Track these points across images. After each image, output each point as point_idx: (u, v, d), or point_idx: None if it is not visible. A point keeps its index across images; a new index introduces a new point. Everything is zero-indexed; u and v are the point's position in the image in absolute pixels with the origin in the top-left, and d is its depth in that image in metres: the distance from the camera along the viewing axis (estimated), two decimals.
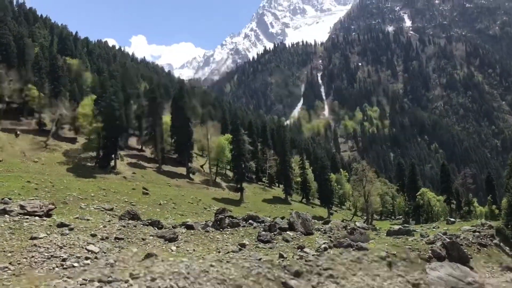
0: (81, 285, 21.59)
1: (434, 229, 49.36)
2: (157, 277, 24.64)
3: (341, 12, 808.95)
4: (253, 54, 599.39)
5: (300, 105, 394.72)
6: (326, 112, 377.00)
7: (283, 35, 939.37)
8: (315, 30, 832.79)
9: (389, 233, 39.95)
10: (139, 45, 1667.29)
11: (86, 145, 69.47)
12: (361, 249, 33.68)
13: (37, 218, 33.95)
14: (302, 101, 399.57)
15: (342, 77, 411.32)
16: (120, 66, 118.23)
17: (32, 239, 27.69)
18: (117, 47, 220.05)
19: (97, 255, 27.65)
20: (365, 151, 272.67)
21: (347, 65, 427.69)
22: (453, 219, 59.84)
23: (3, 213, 31.94)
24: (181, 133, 79.59)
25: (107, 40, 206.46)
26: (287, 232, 36.44)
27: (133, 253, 30.20)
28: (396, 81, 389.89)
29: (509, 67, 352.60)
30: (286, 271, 28.39)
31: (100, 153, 67.54)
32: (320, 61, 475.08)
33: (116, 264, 27.14)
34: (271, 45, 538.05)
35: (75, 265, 25.39)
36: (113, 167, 67.66)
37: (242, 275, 27.02)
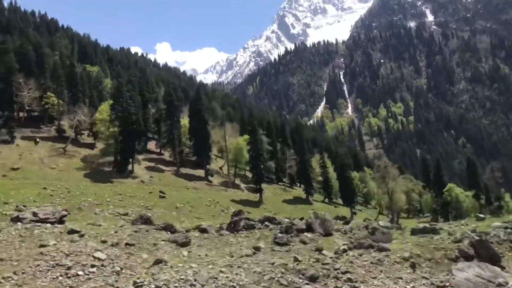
0: None
1: (462, 227, 47.29)
2: (162, 285, 23.65)
3: (362, 10, 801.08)
4: (275, 56, 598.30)
5: (323, 104, 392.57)
6: (349, 110, 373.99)
7: (305, 35, 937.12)
8: (336, 29, 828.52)
9: (414, 232, 38.13)
10: (164, 52, 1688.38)
11: (104, 150, 69.57)
12: (382, 250, 32.06)
13: (49, 225, 33.52)
14: (324, 100, 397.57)
15: (364, 74, 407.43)
16: (139, 71, 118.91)
17: (41, 247, 27.24)
18: (140, 54, 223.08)
19: (103, 263, 26.91)
20: (391, 148, 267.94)
21: (369, 62, 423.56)
22: (483, 215, 57.51)
23: (16, 220, 31.84)
24: (199, 135, 79.14)
25: (133, 48, 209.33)
26: (305, 233, 35.04)
27: (143, 260, 29.44)
28: (419, 76, 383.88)
29: None
30: (300, 276, 27.07)
31: (117, 158, 67.50)
32: (342, 60, 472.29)
33: (122, 271, 26.31)
34: (293, 46, 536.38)
35: (80, 273, 24.65)
36: (130, 171, 67.53)
37: (253, 280, 25.84)
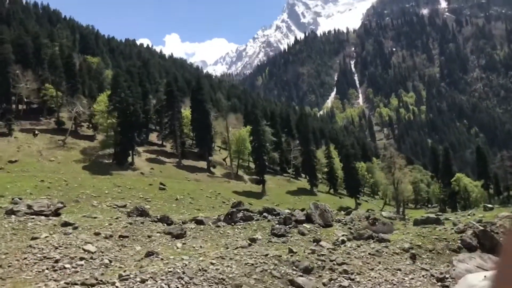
0: None
1: (468, 217, 46.06)
2: (148, 278, 22.75)
3: None
4: (284, 46, 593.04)
5: (333, 94, 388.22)
6: (360, 100, 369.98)
7: (315, 24, 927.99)
8: (348, 17, 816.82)
9: (416, 222, 37.13)
10: (173, 44, 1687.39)
11: (103, 142, 68.82)
12: (382, 240, 31.00)
13: (43, 217, 33.12)
14: (335, 90, 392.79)
15: (376, 63, 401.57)
16: (142, 62, 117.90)
17: (32, 239, 26.75)
18: (146, 45, 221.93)
19: (93, 255, 26.37)
20: (402, 138, 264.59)
21: (381, 51, 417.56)
22: (491, 206, 56.36)
23: (10, 213, 31.74)
24: (200, 126, 77.98)
25: (142, 40, 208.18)
26: (304, 224, 34.28)
27: (135, 252, 28.68)
28: (432, 65, 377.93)
29: None
30: (294, 267, 26.17)
31: (117, 150, 66.70)
32: (353, 49, 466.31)
33: (111, 264, 25.70)
34: (303, 36, 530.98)
35: (67, 266, 24.25)
36: (130, 163, 66.72)
37: (244, 273, 24.88)
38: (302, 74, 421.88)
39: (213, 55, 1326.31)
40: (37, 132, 69.16)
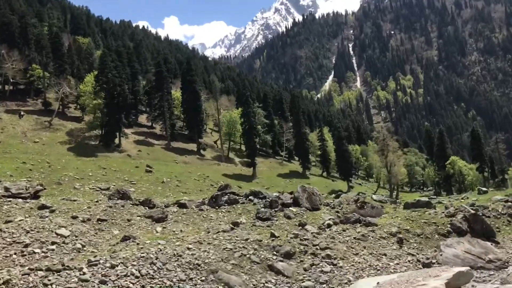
0: (23, 275, 18.66)
1: (462, 200, 45.17)
2: (118, 264, 21.67)
3: None
4: (283, 28, 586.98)
5: (331, 77, 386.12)
6: (358, 83, 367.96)
7: (314, 7, 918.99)
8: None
9: (407, 206, 36.29)
10: (172, 26, 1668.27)
11: (90, 124, 67.31)
12: (369, 225, 30.02)
13: (20, 200, 32.05)
14: (333, 73, 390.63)
15: (374, 46, 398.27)
16: (135, 43, 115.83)
17: (6, 223, 25.74)
18: (142, 27, 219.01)
19: (65, 240, 25.38)
20: (399, 121, 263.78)
21: (379, 33, 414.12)
22: (485, 189, 55.50)
23: None
24: (190, 108, 76.51)
25: (141, 23, 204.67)
26: (291, 208, 33.34)
27: (112, 236, 27.70)
28: (430, 48, 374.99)
29: None
30: (275, 252, 25.20)
31: (104, 131, 65.32)
32: (351, 31, 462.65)
33: (84, 249, 24.79)
34: (301, 18, 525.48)
35: (37, 251, 23.35)
36: (117, 145, 65.42)
37: (221, 258, 23.84)
38: (300, 57, 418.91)
39: (212, 38, 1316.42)
40: (23, 113, 67.57)
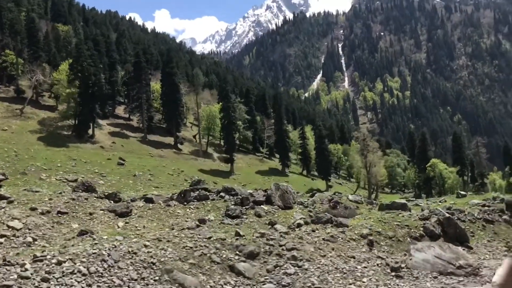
0: None
1: (440, 203, 44.51)
2: (66, 260, 19.83)
3: None
4: (274, 26, 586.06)
5: (319, 76, 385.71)
6: (346, 83, 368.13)
7: (306, 5, 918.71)
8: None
9: (381, 207, 34.90)
10: (163, 20, 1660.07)
11: (63, 113, 65.21)
12: (340, 225, 28.61)
13: None
14: (321, 72, 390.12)
15: (363, 47, 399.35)
16: (119, 33, 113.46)
17: None
18: (128, 18, 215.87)
19: (17, 233, 23.57)
20: (385, 122, 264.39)
21: (369, 34, 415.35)
22: (464, 193, 54.79)
23: None
24: (169, 101, 74.69)
25: (131, 15, 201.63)
26: (262, 206, 31.88)
27: (70, 230, 26.08)
28: (419, 50, 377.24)
29: None
30: (238, 252, 23.52)
31: (77, 121, 63.32)
32: (341, 31, 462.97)
33: (35, 243, 22.82)
34: (292, 16, 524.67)
35: None
36: (90, 136, 63.45)
37: (179, 257, 22.07)
38: (289, 55, 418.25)
39: (203, 33, 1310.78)
40: None
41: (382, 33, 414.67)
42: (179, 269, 20.96)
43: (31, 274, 18.00)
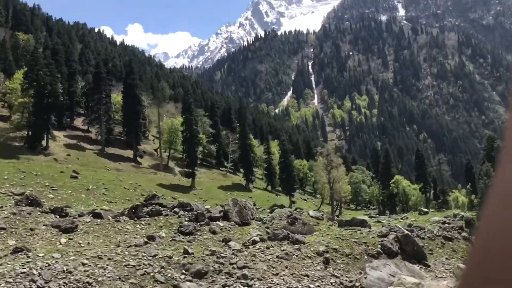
0: None
1: (401, 220, 44.33)
2: None
3: (337, 1, 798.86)
4: (246, 43, 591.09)
5: (289, 93, 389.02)
6: (315, 101, 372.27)
7: (278, 24, 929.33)
8: (310, 19, 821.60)
9: (341, 224, 34.63)
10: (135, 34, 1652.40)
11: (16, 123, 62.42)
12: (296, 242, 27.89)
13: None
14: (291, 89, 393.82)
15: (332, 66, 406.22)
16: (83, 44, 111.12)
17: None
18: (97, 30, 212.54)
19: None
20: (352, 139, 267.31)
21: (338, 54, 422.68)
22: (426, 210, 54.88)
23: None
24: (130, 113, 72.68)
25: (104, 28, 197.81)
26: (218, 222, 30.97)
27: (5, 247, 24.30)
28: (386, 70, 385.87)
29: (500, 57, 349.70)
30: (184, 271, 22.43)
31: (30, 132, 60.68)
32: (311, 50, 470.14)
33: None
34: (263, 34, 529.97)
35: None
36: (44, 148, 60.84)
37: (119, 276, 20.69)
38: (260, 71, 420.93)
39: (176, 48, 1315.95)
40: None
41: (351, 53, 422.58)
42: None
43: None
